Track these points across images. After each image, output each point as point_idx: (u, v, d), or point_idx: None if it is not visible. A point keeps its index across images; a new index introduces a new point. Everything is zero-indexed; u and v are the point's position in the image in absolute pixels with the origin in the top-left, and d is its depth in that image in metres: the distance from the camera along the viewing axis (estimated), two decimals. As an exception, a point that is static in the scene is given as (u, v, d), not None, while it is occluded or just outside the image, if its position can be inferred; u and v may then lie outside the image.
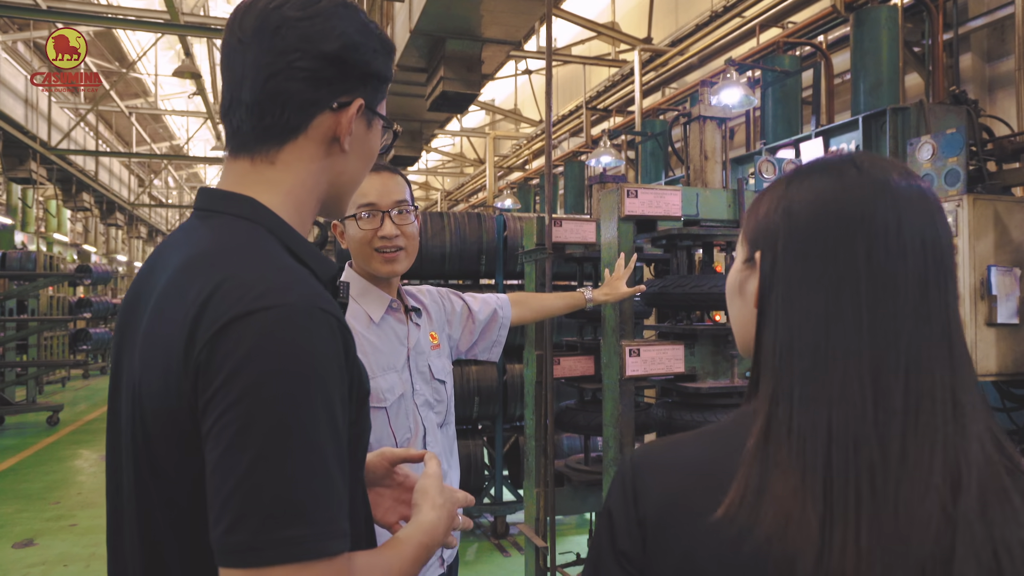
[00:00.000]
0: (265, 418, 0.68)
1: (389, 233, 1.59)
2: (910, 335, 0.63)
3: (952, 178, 3.72)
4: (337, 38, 0.83)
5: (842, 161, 0.70)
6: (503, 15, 6.06)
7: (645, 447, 0.75)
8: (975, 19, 5.78)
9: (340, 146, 0.87)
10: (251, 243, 0.79)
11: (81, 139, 15.91)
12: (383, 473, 1.09)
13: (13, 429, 8.92)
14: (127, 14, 9.78)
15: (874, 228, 0.65)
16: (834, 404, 0.63)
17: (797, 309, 0.66)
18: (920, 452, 0.61)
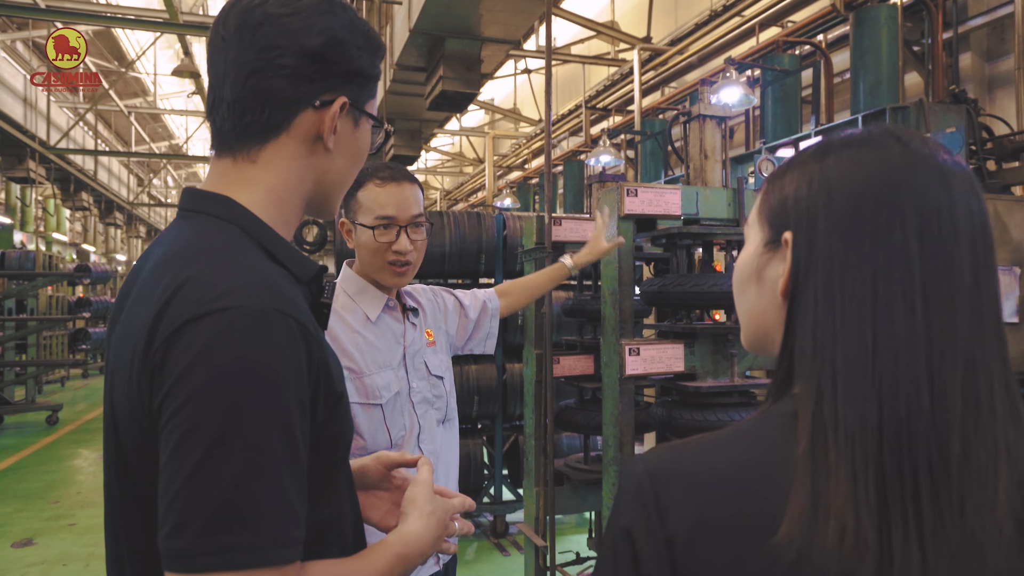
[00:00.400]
0: (212, 421, 0.67)
1: (404, 248, 1.60)
2: (968, 325, 0.58)
3: (952, 177, 3.72)
4: (319, 34, 0.82)
5: (884, 135, 0.64)
6: (502, 14, 6.06)
7: (658, 454, 0.67)
8: (975, 18, 5.78)
9: (324, 145, 0.85)
10: (221, 243, 0.78)
11: (80, 138, 15.90)
12: (380, 477, 1.08)
13: (12, 428, 8.92)
14: (126, 13, 9.76)
15: (927, 207, 0.59)
16: (885, 400, 0.57)
17: (842, 295, 0.60)
18: (983, 454, 0.56)
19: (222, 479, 0.66)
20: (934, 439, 0.56)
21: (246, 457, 0.67)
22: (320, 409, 0.77)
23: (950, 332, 0.58)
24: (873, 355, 0.58)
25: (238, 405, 0.67)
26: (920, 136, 0.64)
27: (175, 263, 0.76)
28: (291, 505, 0.70)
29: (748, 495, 0.61)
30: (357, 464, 1.06)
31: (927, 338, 0.57)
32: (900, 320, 0.58)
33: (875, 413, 0.57)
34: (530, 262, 3.12)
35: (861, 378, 0.58)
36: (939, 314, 0.58)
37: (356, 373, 1.56)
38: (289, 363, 0.71)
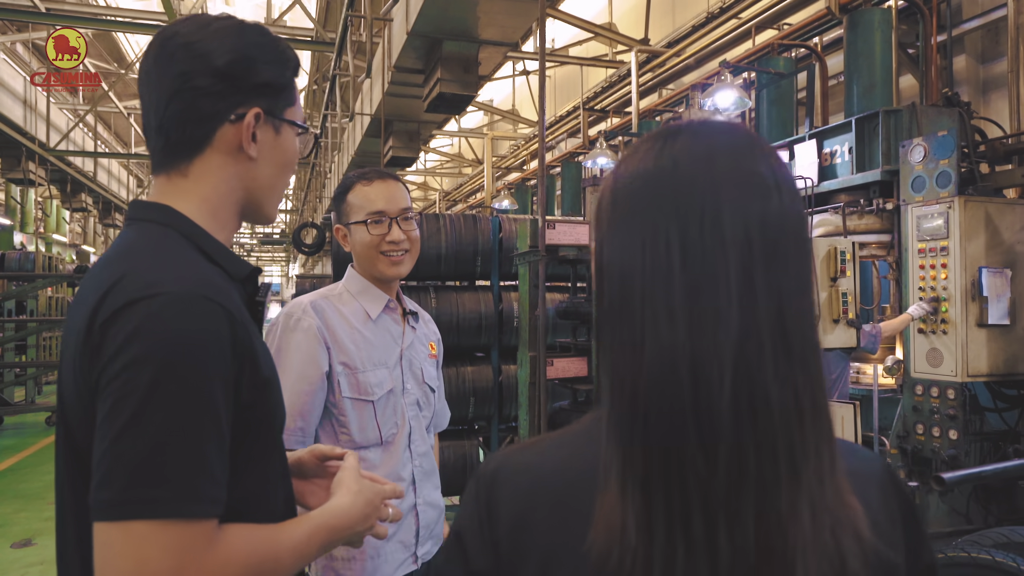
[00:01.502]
0: (140, 389, 0.75)
1: (397, 238, 1.67)
2: (733, 330, 0.56)
3: (943, 180, 3.74)
4: (226, 53, 0.91)
5: (669, 133, 0.63)
6: (499, 17, 6.07)
7: (500, 455, 0.69)
8: (969, 21, 5.81)
9: (246, 154, 0.94)
10: (157, 243, 0.88)
11: (80, 140, 15.92)
12: (315, 467, 1.16)
13: (12, 429, 8.94)
14: (125, 16, 9.79)
15: (689, 211, 0.58)
16: (652, 406, 0.57)
17: (620, 306, 0.60)
18: (755, 461, 0.55)
19: (146, 439, 0.74)
20: (701, 451, 0.55)
21: (168, 421, 0.75)
22: (246, 388, 0.84)
23: (715, 345, 0.56)
24: (643, 366, 0.57)
25: (164, 375, 0.76)
26: (712, 135, 0.62)
27: (115, 261, 0.86)
28: (209, 466, 0.78)
29: (567, 497, 0.62)
30: (294, 456, 1.14)
31: (690, 349, 0.56)
32: (664, 333, 0.57)
33: (642, 424, 0.57)
34: (524, 265, 3.15)
35: (638, 389, 0.58)
36: (702, 324, 0.56)
37: (351, 369, 1.60)
38: (212, 341, 0.80)
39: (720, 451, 0.55)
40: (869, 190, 4.43)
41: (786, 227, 0.59)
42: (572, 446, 0.67)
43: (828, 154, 4.75)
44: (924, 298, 3.77)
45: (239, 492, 0.84)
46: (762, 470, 0.55)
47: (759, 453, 0.55)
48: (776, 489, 0.55)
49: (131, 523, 0.73)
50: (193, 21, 0.94)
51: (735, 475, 0.55)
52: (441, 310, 4.10)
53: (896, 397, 4.21)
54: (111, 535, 0.74)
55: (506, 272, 4.66)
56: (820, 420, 0.58)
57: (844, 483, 0.59)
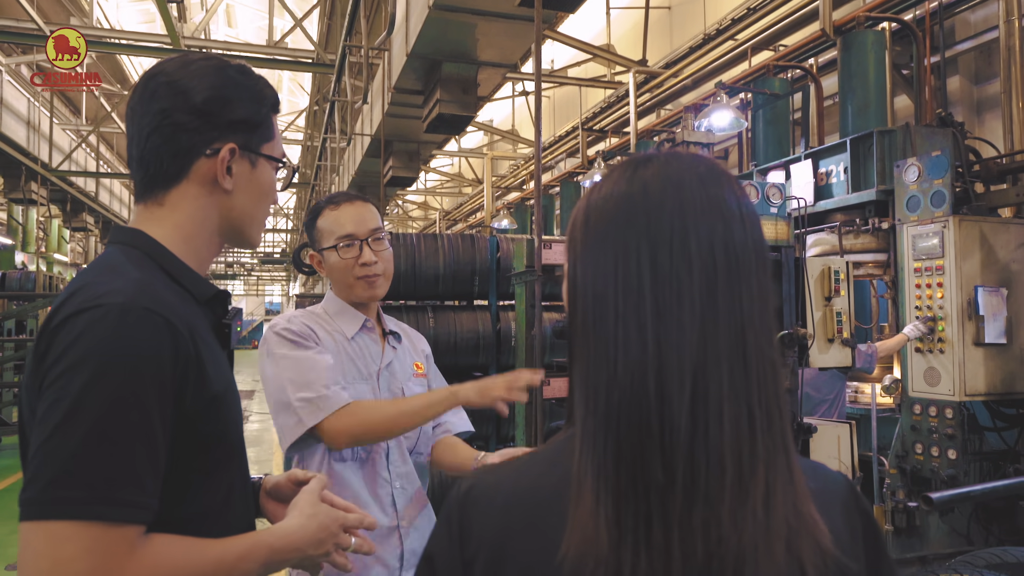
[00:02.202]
0: (73, 393, 0.78)
1: (369, 260, 1.66)
2: (695, 346, 0.60)
3: (938, 199, 3.77)
4: (202, 91, 0.96)
5: (641, 161, 0.67)
6: (498, 38, 6.15)
7: (472, 478, 0.71)
8: (962, 42, 5.88)
9: (221, 186, 0.99)
10: (120, 262, 0.93)
11: (82, 160, 16.03)
12: (290, 492, 1.16)
13: (9, 450, 8.90)
14: (130, 38, 9.91)
15: (658, 234, 0.62)
16: (622, 419, 0.60)
17: (593, 324, 0.64)
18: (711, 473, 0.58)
19: (73, 441, 0.77)
20: (661, 462, 0.58)
21: (97, 424, 0.77)
22: (190, 399, 0.86)
23: (676, 354, 0.59)
24: (614, 377, 0.61)
25: (97, 380, 0.79)
26: (680, 162, 0.66)
27: (78, 277, 0.92)
28: (136, 472, 0.79)
29: (540, 515, 0.64)
30: (272, 480, 1.17)
31: (657, 360, 0.60)
32: (634, 349, 0.60)
33: (615, 434, 0.60)
34: (520, 284, 3.17)
35: (606, 401, 0.61)
36: (668, 340, 0.60)
37: None
38: (151, 351, 0.83)
39: (676, 462, 0.58)
40: (865, 209, 4.45)
41: (748, 251, 0.63)
42: (545, 463, 0.69)
43: (824, 174, 4.79)
44: (920, 317, 3.78)
45: (194, 508, 0.87)
46: (709, 481, 0.58)
47: (709, 465, 0.58)
48: (720, 500, 0.58)
49: (51, 523, 0.75)
50: (178, 60, 0.99)
51: (688, 486, 0.58)
52: (439, 330, 4.10)
53: (894, 416, 4.20)
54: (33, 534, 0.75)
55: (504, 291, 4.68)
56: (774, 435, 0.61)
57: (803, 495, 0.62)
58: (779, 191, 2.65)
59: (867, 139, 4.49)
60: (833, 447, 2.59)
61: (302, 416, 1.50)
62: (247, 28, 20.86)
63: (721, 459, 0.58)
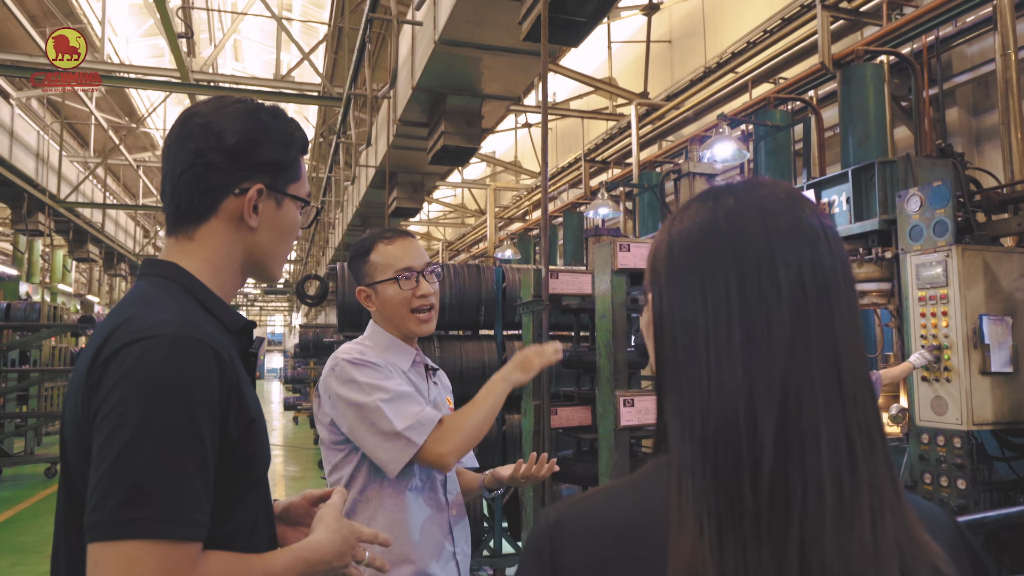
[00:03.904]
0: (132, 421, 0.82)
1: (427, 291, 1.69)
2: (784, 371, 0.59)
3: (940, 229, 3.80)
4: (235, 134, 1.02)
5: (721, 191, 0.68)
6: (502, 72, 6.26)
7: (559, 507, 0.69)
8: (959, 75, 5.97)
9: (247, 224, 1.04)
10: (160, 294, 0.98)
11: (89, 191, 16.18)
12: (303, 512, 1.21)
13: (10, 481, 8.85)
14: (139, 72, 10.08)
15: (745, 261, 0.62)
16: (718, 445, 0.60)
17: (684, 355, 0.64)
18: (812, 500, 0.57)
19: (138, 465, 0.81)
20: (751, 485, 0.58)
21: (158, 449, 0.82)
22: (233, 423, 0.92)
23: (766, 378, 0.59)
24: (708, 404, 0.61)
25: (155, 408, 0.83)
26: (762, 189, 0.67)
27: (121, 309, 0.96)
28: (196, 492, 0.84)
29: (634, 545, 0.63)
30: (283, 503, 1.20)
31: (747, 389, 0.59)
32: (726, 375, 0.60)
33: (711, 464, 0.60)
34: (528, 314, 3.18)
35: (702, 426, 0.61)
36: (758, 361, 0.60)
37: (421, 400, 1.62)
38: (201, 378, 0.88)
39: (763, 486, 0.57)
40: (868, 239, 4.48)
41: (835, 272, 0.63)
42: (635, 492, 0.67)
43: (826, 204, 4.82)
44: (926, 346, 3.78)
45: (229, 527, 0.91)
46: (807, 506, 0.57)
47: (806, 489, 0.57)
48: (822, 525, 0.57)
49: (122, 543, 0.79)
50: (214, 102, 1.06)
51: (781, 510, 0.57)
52: (445, 359, 4.11)
53: (902, 446, 4.18)
54: (103, 555, 0.79)
55: (509, 321, 4.69)
56: (876, 457, 0.60)
57: (914, 520, 0.60)
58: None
59: (868, 170, 4.54)
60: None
61: (411, 437, 1.51)
62: (254, 62, 21.20)
63: (820, 482, 0.57)
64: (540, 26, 3.60)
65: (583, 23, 4.16)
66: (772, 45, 6.82)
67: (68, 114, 15.22)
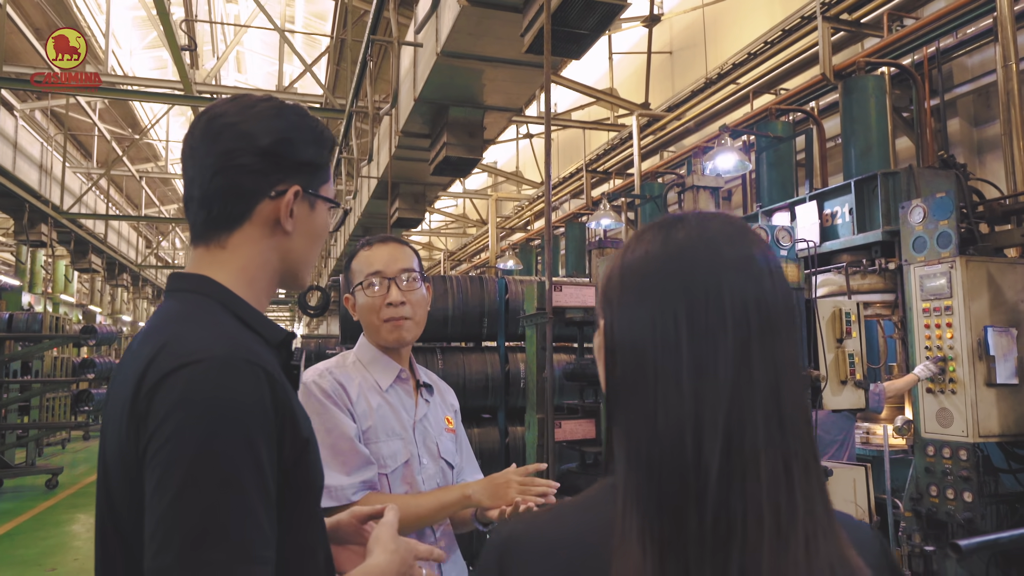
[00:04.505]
0: (188, 456, 0.77)
1: (395, 300, 1.60)
2: (729, 401, 0.62)
3: (944, 240, 3.79)
4: (270, 134, 0.96)
5: (672, 222, 0.70)
6: (504, 84, 6.28)
7: (510, 525, 0.72)
8: (960, 86, 5.98)
9: (283, 228, 0.98)
10: (198, 311, 0.91)
11: (92, 202, 16.22)
12: (353, 531, 1.16)
13: (11, 492, 8.82)
14: (142, 84, 10.13)
15: (694, 292, 0.64)
16: (664, 473, 0.61)
17: (633, 382, 0.65)
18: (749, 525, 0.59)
19: (200, 503, 0.76)
20: (698, 513, 0.60)
21: (220, 484, 0.77)
22: (287, 448, 0.86)
23: (712, 407, 0.61)
24: (654, 431, 0.63)
25: (211, 440, 0.78)
26: (712, 223, 0.69)
27: (159, 330, 0.89)
28: (260, 527, 0.79)
29: (580, 564, 0.65)
30: (332, 520, 1.14)
31: (695, 413, 0.61)
32: (672, 404, 0.62)
33: (657, 489, 0.62)
34: (531, 327, 3.18)
35: (645, 459, 0.63)
36: (704, 397, 0.62)
37: (365, 439, 1.54)
38: (255, 403, 0.82)
39: (708, 513, 0.60)
40: (871, 250, 4.48)
41: (778, 305, 0.66)
42: (583, 511, 0.69)
43: (829, 215, 4.83)
44: (931, 357, 3.77)
45: (289, 553, 0.86)
46: (747, 531, 0.59)
47: (746, 515, 0.59)
48: (759, 549, 0.59)
49: None
50: (239, 101, 0.99)
51: (723, 536, 0.59)
52: (448, 371, 4.10)
53: (907, 458, 4.16)
54: None
55: (512, 333, 4.68)
56: (811, 483, 0.62)
57: (846, 542, 0.62)
58: (788, 234, 2.68)
59: (871, 181, 4.55)
60: (849, 491, 2.56)
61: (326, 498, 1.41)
62: (257, 74, 21.30)
63: (759, 509, 0.59)
64: (542, 38, 3.61)
65: (585, 35, 4.17)
66: (773, 56, 6.84)
67: (71, 125, 15.29)
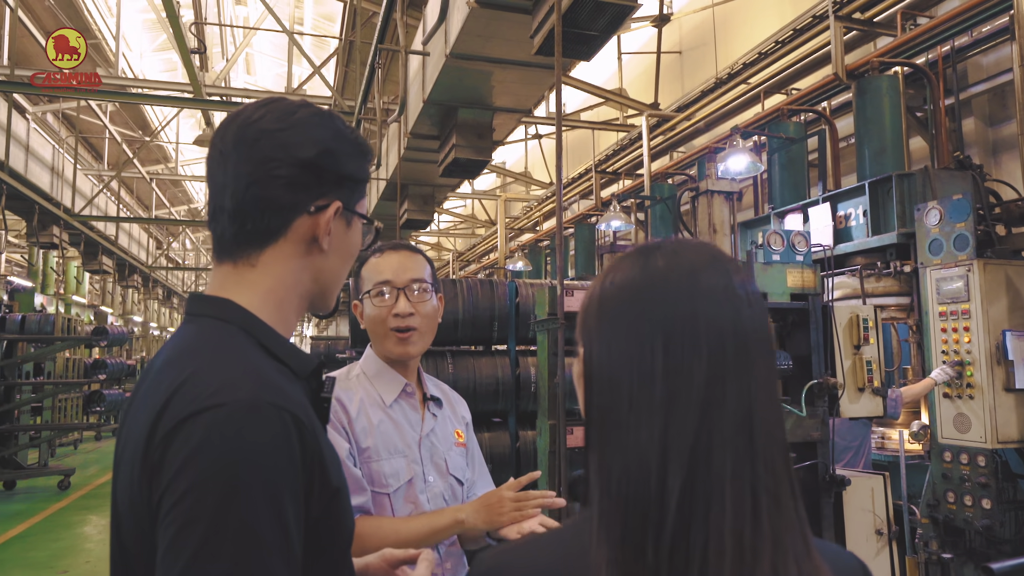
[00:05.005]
0: (205, 515, 0.69)
1: (403, 310, 1.54)
2: (696, 431, 0.61)
3: (961, 243, 3.74)
4: (313, 145, 0.88)
5: (650, 249, 0.70)
6: (513, 85, 6.26)
7: (490, 556, 0.71)
8: (975, 85, 5.91)
9: (319, 246, 0.90)
10: (220, 342, 0.83)
11: (103, 204, 16.31)
12: (383, 574, 1.08)
13: (23, 494, 8.87)
14: (152, 87, 10.17)
15: (671, 321, 0.64)
16: (630, 504, 0.61)
17: (609, 411, 0.65)
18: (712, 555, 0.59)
19: (215, 570, 0.68)
20: (655, 545, 0.60)
21: (239, 550, 0.69)
22: (315, 501, 0.78)
23: (681, 436, 0.61)
24: (627, 460, 0.63)
25: (231, 498, 0.70)
26: (691, 251, 0.69)
27: (176, 363, 0.80)
28: None
29: None
30: (361, 563, 1.07)
31: (660, 451, 0.61)
32: (643, 437, 0.62)
33: (621, 523, 0.62)
34: (542, 332, 3.15)
35: (615, 491, 0.63)
36: (677, 420, 0.62)
37: (366, 457, 1.49)
38: (281, 455, 0.74)
39: (665, 546, 0.60)
40: (886, 252, 4.43)
41: (755, 334, 0.66)
42: (561, 546, 0.69)
43: (842, 217, 4.78)
44: (948, 362, 3.72)
45: None
46: (707, 562, 0.59)
47: (707, 547, 0.59)
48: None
49: None
50: (275, 107, 0.91)
51: (680, 566, 0.59)
52: (458, 375, 4.07)
53: (924, 464, 4.11)
54: None
55: (522, 336, 4.66)
56: (783, 514, 0.62)
57: (823, 570, 0.62)
58: (804, 239, 2.64)
59: (886, 182, 4.49)
60: (867, 499, 2.52)
61: None
62: (266, 76, 21.36)
63: (720, 540, 0.59)
64: (552, 40, 3.59)
65: (595, 36, 4.14)
66: (784, 56, 6.78)
67: (82, 128, 15.37)
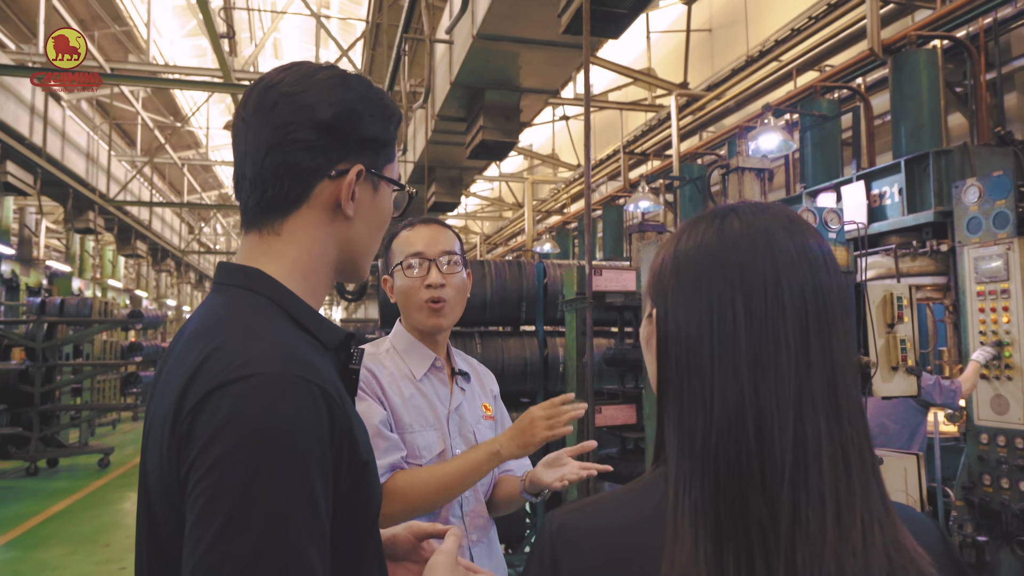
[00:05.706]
0: (233, 489, 0.68)
1: (435, 281, 1.56)
2: (795, 391, 0.62)
3: (1001, 221, 3.64)
4: (330, 107, 0.85)
5: (726, 212, 0.71)
6: (541, 66, 6.21)
7: (562, 513, 0.72)
8: (1018, 58, 5.72)
9: (343, 212, 0.87)
10: (249, 313, 0.81)
11: (136, 190, 16.62)
12: (409, 547, 1.07)
13: (65, 471, 9.17)
14: (182, 73, 10.30)
15: (752, 283, 0.65)
16: (721, 459, 0.62)
17: (688, 369, 0.66)
18: (812, 513, 0.60)
19: (244, 544, 0.67)
20: (763, 500, 0.60)
21: (267, 524, 0.68)
22: (344, 475, 0.77)
23: (775, 396, 0.62)
24: (711, 420, 0.63)
25: (259, 472, 0.68)
26: (765, 213, 0.70)
27: (205, 334, 0.79)
28: (312, 570, 0.70)
29: (632, 552, 0.66)
30: (388, 533, 1.06)
31: (755, 402, 0.62)
32: (731, 394, 0.63)
33: (713, 472, 0.62)
34: (571, 312, 3.15)
35: (704, 440, 0.63)
36: (766, 380, 0.63)
37: (399, 429, 1.52)
38: (310, 429, 0.72)
39: (780, 502, 0.60)
40: (921, 231, 4.33)
41: (834, 296, 0.66)
42: (635, 502, 0.70)
43: (877, 195, 4.68)
44: (986, 342, 3.64)
45: (341, 570, 0.78)
46: (811, 520, 0.60)
47: (810, 504, 0.60)
48: (823, 538, 0.60)
49: None
50: (296, 71, 0.88)
51: (792, 525, 0.60)
52: (486, 356, 4.10)
53: (959, 446, 4.04)
54: None
55: (550, 317, 4.66)
56: (866, 473, 0.63)
57: (902, 530, 0.63)
58: (837, 216, 2.60)
59: (922, 160, 4.39)
60: (900, 479, 2.49)
61: None
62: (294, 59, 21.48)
63: (822, 498, 0.60)
64: (579, 19, 3.55)
65: (623, 15, 4.09)
66: (818, 32, 6.63)
67: (116, 115, 15.64)
